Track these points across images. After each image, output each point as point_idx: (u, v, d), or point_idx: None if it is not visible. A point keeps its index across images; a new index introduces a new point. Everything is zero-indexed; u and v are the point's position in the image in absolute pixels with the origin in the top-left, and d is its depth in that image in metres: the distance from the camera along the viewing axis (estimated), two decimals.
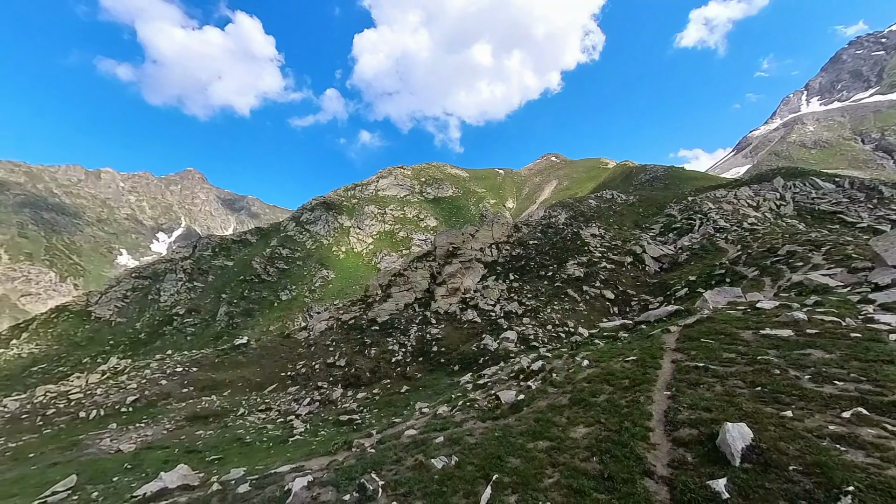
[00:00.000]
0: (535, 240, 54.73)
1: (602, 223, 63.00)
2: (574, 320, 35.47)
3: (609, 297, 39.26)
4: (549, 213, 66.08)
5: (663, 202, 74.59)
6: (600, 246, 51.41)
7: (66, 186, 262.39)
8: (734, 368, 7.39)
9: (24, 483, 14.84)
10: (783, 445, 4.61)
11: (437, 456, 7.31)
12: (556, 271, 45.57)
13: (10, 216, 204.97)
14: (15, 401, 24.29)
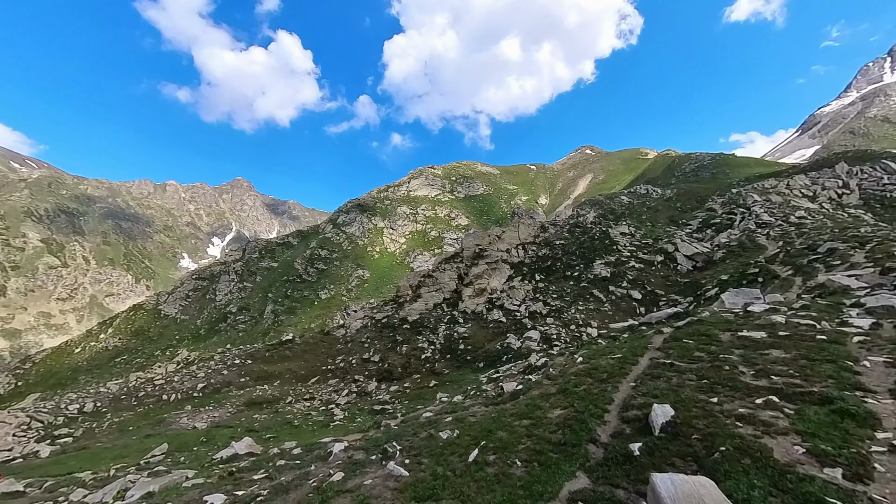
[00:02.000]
0: (562, 240, 54.72)
1: (633, 221, 61.47)
2: (598, 321, 35.73)
3: (636, 297, 38.95)
4: (576, 213, 65.43)
5: (705, 195, 70.98)
6: (629, 245, 50.56)
7: (139, 199, 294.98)
8: (696, 365, 8.56)
9: (130, 448, 18.64)
10: (695, 421, 5.97)
11: (444, 430, 9.19)
12: (583, 271, 45.63)
13: (97, 226, 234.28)
14: (115, 384, 29.52)
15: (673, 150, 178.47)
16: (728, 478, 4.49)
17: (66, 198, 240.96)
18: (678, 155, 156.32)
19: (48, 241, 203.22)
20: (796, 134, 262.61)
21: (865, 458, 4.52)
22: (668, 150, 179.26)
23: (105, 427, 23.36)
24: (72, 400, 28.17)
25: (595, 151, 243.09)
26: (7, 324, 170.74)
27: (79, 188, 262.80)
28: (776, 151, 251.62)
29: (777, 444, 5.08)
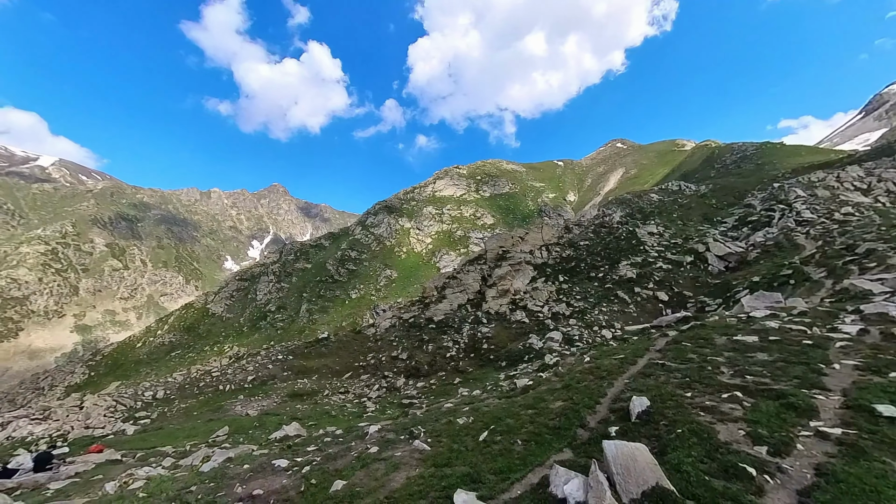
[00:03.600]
0: (587, 241, 54.55)
1: (663, 220, 60.00)
2: (622, 322, 35.84)
3: (662, 298, 38.57)
4: (602, 212, 64.64)
5: (744, 190, 67.77)
6: (657, 245, 49.70)
7: (187, 205, 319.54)
8: (685, 366, 9.61)
9: (197, 430, 21.74)
10: (666, 411, 7.19)
11: (461, 417, 10.81)
12: (608, 272, 45.53)
13: (152, 231, 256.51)
14: (180, 375, 33.80)
15: (713, 140, 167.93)
16: (674, 450, 5.78)
17: (126, 206, 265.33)
18: (718, 146, 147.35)
19: (111, 245, 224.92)
20: (859, 116, 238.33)
21: (791, 440, 5.64)
22: (708, 141, 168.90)
23: (174, 412, 27.03)
24: (146, 388, 32.67)
25: (627, 145, 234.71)
26: (80, 320, 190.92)
27: (136, 197, 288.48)
28: (834, 136, 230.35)
29: (726, 428, 6.26)
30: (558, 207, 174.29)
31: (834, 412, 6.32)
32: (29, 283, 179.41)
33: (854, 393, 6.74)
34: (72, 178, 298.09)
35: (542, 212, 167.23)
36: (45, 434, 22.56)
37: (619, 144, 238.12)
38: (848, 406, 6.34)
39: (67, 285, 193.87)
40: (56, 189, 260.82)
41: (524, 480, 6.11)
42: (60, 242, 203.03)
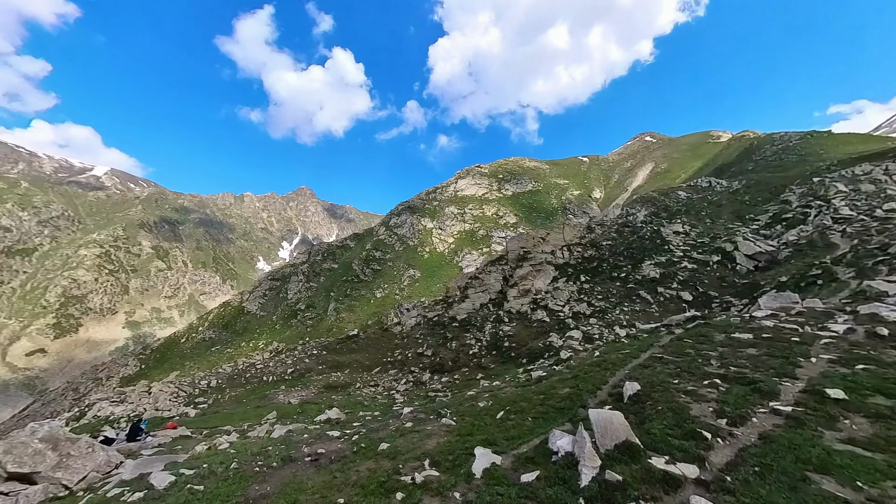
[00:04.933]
0: (609, 240, 54.46)
1: (690, 218, 58.92)
2: (644, 322, 36.08)
3: (687, 298, 38.45)
4: (626, 212, 64.00)
5: (782, 185, 65.10)
6: (683, 244, 49.14)
7: (223, 209, 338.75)
8: (680, 359, 10.86)
9: (248, 414, 24.64)
10: (653, 394, 8.60)
11: (481, 401, 12.55)
12: (630, 272, 45.59)
13: (192, 234, 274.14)
14: (229, 367, 37.57)
15: (751, 130, 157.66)
16: (651, 420, 7.25)
17: (168, 210, 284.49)
18: (758, 136, 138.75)
19: (157, 247, 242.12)
20: None
21: (748, 415, 6.97)
22: (745, 132, 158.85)
23: (226, 399, 30.37)
24: (201, 377, 36.62)
25: (656, 138, 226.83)
26: (130, 317, 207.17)
27: (177, 202, 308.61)
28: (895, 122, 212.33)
29: (698, 406, 7.64)
30: (583, 205, 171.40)
31: (793, 395, 7.54)
32: (87, 282, 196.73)
33: (816, 381, 7.91)
34: (122, 185, 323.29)
35: (565, 209, 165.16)
36: (123, 414, 26.26)
37: (647, 138, 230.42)
38: (805, 391, 7.55)
39: (119, 285, 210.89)
40: (108, 196, 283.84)
41: (530, 443, 7.77)
42: (113, 245, 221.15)
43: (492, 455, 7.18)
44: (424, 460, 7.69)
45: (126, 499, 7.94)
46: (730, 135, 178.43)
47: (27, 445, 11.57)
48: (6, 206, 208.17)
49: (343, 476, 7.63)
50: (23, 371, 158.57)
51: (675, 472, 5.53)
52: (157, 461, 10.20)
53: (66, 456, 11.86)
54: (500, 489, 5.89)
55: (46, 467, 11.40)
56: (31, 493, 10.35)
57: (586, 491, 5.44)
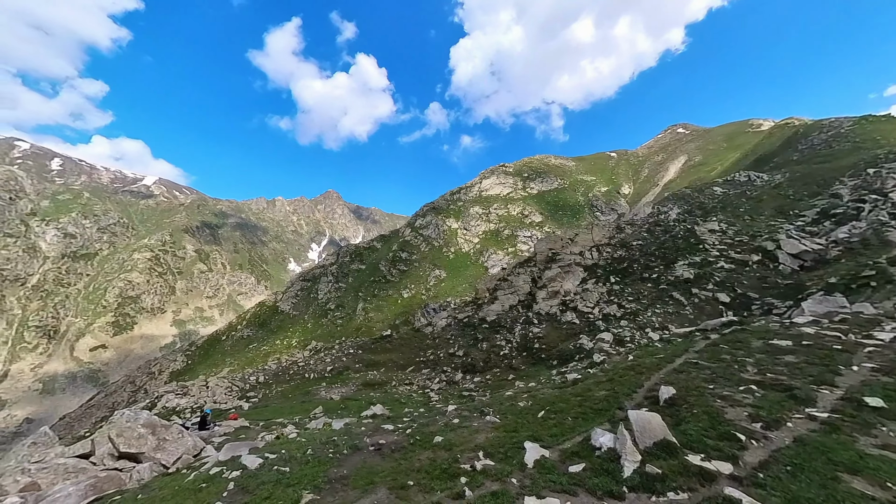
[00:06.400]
0: (640, 240, 53.24)
1: (727, 215, 56.56)
2: (677, 324, 35.35)
3: (723, 300, 37.22)
4: (657, 210, 62.19)
5: (830, 178, 61.16)
6: (719, 243, 47.39)
7: (257, 213, 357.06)
8: (715, 365, 11.26)
9: (295, 408, 26.73)
10: (689, 398, 9.18)
11: (521, 402, 13.43)
12: (662, 273, 44.58)
13: (230, 237, 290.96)
14: (273, 364, 40.59)
15: (796, 117, 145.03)
16: (686, 423, 7.90)
17: (209, 215, 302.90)
18: (804, 124, 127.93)
19: (199, 251, 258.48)
20: None
21: (783, 419, 7.48)
22: (789, 119, 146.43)
23: (274, 394, 32.91)
24: (250, 373, 39.74)
25: (689, 129, 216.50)
26: (177, 316, 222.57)
27: (216, 207, 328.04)
28: None
29: (733, 410, 8.20)
30: (611, 201, 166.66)
31: (830, 402, 7.94)
32: (140, 284, 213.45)
33: (856, 389, 8.24)
34: (168, 193, 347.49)
35: (592, 206, 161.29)
36: (187, 406, 29.20)
37: (680, 130, 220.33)
38: (844, 398, 7.92)
39: (167, 286, 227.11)
40: (157, 204, 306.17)
41: (573, 439, 8.62)
42: (161, 249, 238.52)
43: (540, 449, 8.10)
44: (478, 451, 8.72)
45: (227, 476, 9.52)
46: (772, 122, 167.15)
47: (133, 430, 13.69)
48: (72, 215, 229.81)
49: (407, 463, 8.81)
50: (87, 364, 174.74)
51: (710, 467, 6.24)
52: (242, 446, 11.87)
53: (162, 440, 13.90)
54: (551, 477, 6.82)
55: (149, 449, 13.45)
56: (142, 470, 12.33)
57: (629, 481, 6.26)
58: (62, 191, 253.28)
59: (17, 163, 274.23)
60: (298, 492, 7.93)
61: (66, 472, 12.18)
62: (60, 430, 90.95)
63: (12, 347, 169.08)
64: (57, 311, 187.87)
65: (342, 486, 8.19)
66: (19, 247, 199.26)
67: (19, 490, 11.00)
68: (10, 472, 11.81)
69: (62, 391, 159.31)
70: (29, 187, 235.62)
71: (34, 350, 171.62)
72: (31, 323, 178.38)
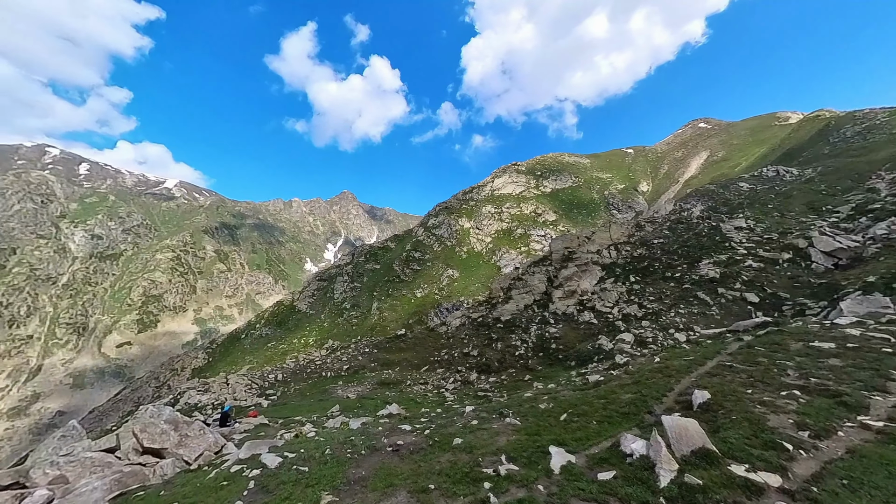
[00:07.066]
0: (661, 238, 51.65)
1: (754, 212, 54.32)
2: (702, 325, 34.06)
3: (752, 300, 35.67)
4: (679, 207, 60.22)
5: (866, 171, 58.14)
6: (746, 241, 45.54)
7: (274, 214, 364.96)
8: (752, 368, 10.61)
9: (313, 406, 26.93)
10: (725, 403, 8.63)
11: (541, 403, 13.03)
12: (686, 272, 43.11)
13: (248, 237, 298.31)
14: (291, 362, 41.24)
15: (827, 109, 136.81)
16: (725, 430, 7.40)
17: (227, 217, 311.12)
18: (835, 116, 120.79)
19: (218, 251, 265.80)
20: None
21: (834, 428, 6.91)
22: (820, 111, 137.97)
23: (292, 391, 33.34)
24: (269, 371, 40.48)
25: (711, 124, 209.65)
26: (197, 314, 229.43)
27: (235, 209, 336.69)
28: None
29: (777, 417, 7.64)
30: (628, 199, 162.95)
31: (885, 410, 7.30)
32: (162, 283, 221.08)
33: None
34: (188, 196, 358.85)
35: (609, 204, 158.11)
36: (209, 402, 29.87)
37: (701, 124, 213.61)
38: None
39: (188, 285, 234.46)
40: (178, 206, 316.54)
41: (600, 445, 8.22)
42: (182, 250, 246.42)
43: (566, 454, 7.75)
44: (500, 455, 8.42)
45: (247, 474, 9.51)
46: (800, 115, 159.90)
47: (156, 425, 13.94)
48: (98, 218, 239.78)
49: (427, 465, 8.58)
50: (114, 360, 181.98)
51: (756, 479, 5.77)
52: (261, 444, 11.91)
53: (184, 436, 14.12)
54: (580, 484, 6.47)
55: (171, 444, 13.67)
56: (165, 465, 12.53)
57: (666, 492, 5.86)
58: (89, 194, 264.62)
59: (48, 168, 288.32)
60: (318, 492, 7.81)
61: (93, 466, 12.48)
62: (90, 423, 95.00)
63: (45, 343, 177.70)
64: (85, 309, 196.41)
65: (361, 487, 8.03)
66: (50, 248, 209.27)
67: (48, 482, 11.31)
68: (39, 465, 12.18)
69: (91, 385, 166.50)
70: (59, 191, 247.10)
71: (65, 346, 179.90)
72: (62, 320, 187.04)
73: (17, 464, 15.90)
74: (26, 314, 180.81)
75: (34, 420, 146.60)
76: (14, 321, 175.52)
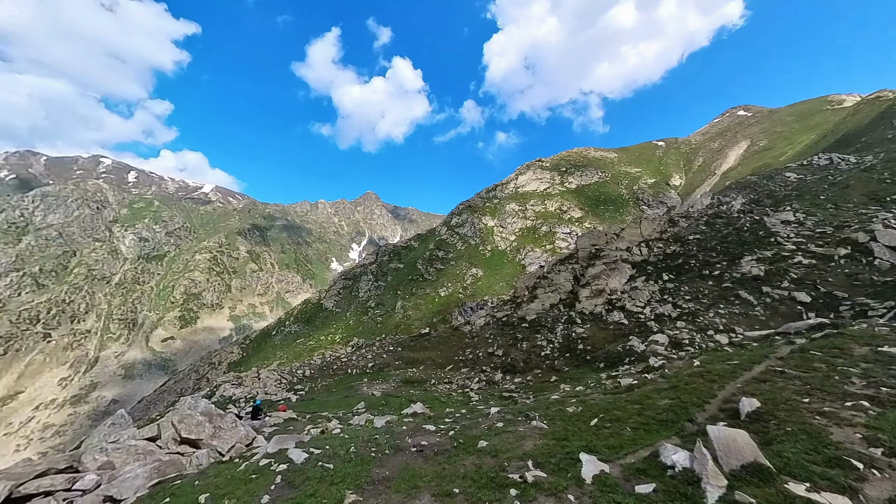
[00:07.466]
0: (698, 234, 48.75)
1: (804, 204, 50.28)
2: (745, 326, 31.76)
3: (802, 300, 32.91)
4: (717, 200, 56.60)
5: None
6: (795, 235, 42.17)
7: (301, 215, 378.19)
8: (808, 374, 9.61)
9: (340, 403, 27.45)
10: (777, 413, 7.82)
11: (570, 407, 12.48)
12: (725, 270, 40.46)
13: (277, 238, 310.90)
14: (318, 359, 42.50)
15: (889, 90, 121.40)
16: (780, 443, 6.67)
17: (258, 219, 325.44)
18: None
19: (250, 251, 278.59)
20: None
21: None
22: (880, 92, 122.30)
23: (319, 387, 34.23)
24: (297, 367, 41.90)
25: (752, 111, 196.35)
26: (232, 311, 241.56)
27: (265, 211, 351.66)
28: None
29: (841, 431, 6.81)
30: (659, 194, 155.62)
31: None
32: (201, 282, 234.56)
33: None
34: (223, 200, 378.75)
35: (638, 200, 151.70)
36: (242, 395, 31.22)
37: (740, 112, 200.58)
38: None
39: (224, 284, 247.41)
40: (214, 209, 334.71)
41: (636, 454, 7.68)
42: (218, 251, 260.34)
43: (598, 462, 7.29)
44: (527, 461, 8.07)
45: (275, 468, 9.68)
46: (857, 98, 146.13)
47: (192, 417, 14.60)
48: (145, 222, 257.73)
49: (451, 468, 8.36)
50: (160, 354, 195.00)
51: (820, 501, 5.13)
52: (289, 439, 12.15)
53: (218, 428, 14.70)
54: (615, 497, 6.02)
55: (206, 436, 14.27)
56: (200, 456, 13.08)
57: None
58: (137, 200, 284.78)
59: (102, 177, 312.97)
60: (342, 491, 7.79)
61: (137, 454, 13.21)
62: (139, 412, 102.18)
63: (101, 337, 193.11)
64: (134, 306, 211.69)
65: (385, 488, 7.93)
66: (105, 250, 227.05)
67: (97, 468, 12.07)
68: (90, 451, 13.05)
69: (140, 377, 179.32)
70: (111, 198, 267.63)
71: (117, 340, 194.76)
72: (115, 316, 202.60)
73: (76, 447, 17.44)
74: (85, 311, 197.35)
75: (92, 407, 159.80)
76: (75, 317, 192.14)
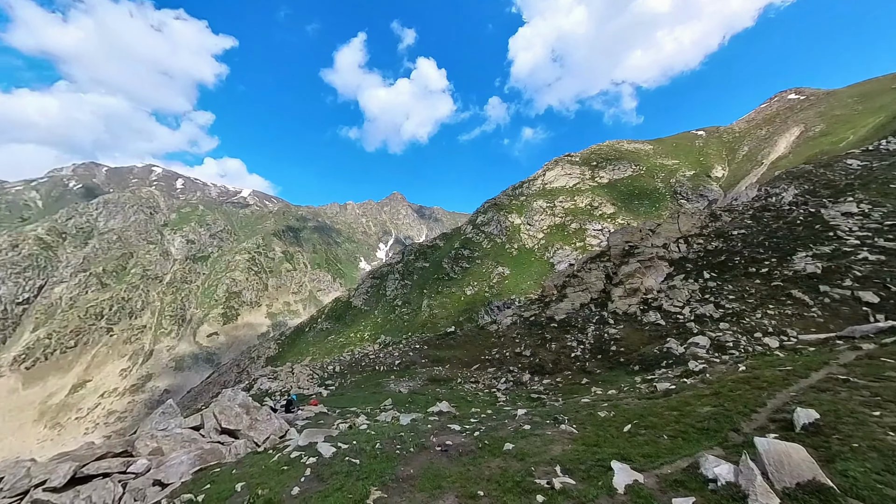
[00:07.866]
0: (743, 229, 45.22)
1: (869, 193, 45.42)
2: (799, 329, 29.05)
3: (869, 300, 29.64)
4: (765, 192, 52.20)
5: None
6: (859, 229, 38.16)
7: (331, 216, 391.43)
8: (878, 384, 8.56)
9: (368, 399, 28.03)
10: (840, 426, 7.01)
11: (601, 411, 11.94)
12: (775, 267, 37.24)
13: (309, 239, 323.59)
14: (348, 355, 43.83)
15: None
16: (844, 460, 5.96)
17: (292, 220, 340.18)
18: None
19: (285, 252, 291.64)
20: None
21: None
22: None
23: (348, 383, 35.21)
24: (328, 363, 43.44)
25: (804, 94, 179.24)
26: (269, 309, 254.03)
27: (298, 213, 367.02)
28: None
29: None
30: (699, 187, 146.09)
31: None
32: (241, 281, 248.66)
33: None
34: (260, 203, 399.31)
35: (676, 193, 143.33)
36: (277, 389, 32.71)
37: (791, 96, 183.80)
38: None
39: (261, 283, 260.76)
40: (252, 212, 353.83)
41: (673, 464, 7.16)
42: (256, 252, 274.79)
43: (631, 471, 6.87)
44: (555, 466, 7.76)
45: (304, 461, 9.98)
46: None
47: (231, 409, 15.41)
48: (191, 225, 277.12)
49: (476, 470, 8.21)
50: (206, 348, 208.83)
51: None
52: (318, 433, 12.52)
53: (255, 420, 15.43)
54: None
55: (244, 427, 15.01)
56: (238, 445, 13.78)
57: None
58: (184, 205, 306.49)
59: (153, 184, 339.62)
60: (367, 487, 7.87)
61: (182, 441, 14.14)
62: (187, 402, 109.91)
63: (154, 332, 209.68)
64: (183, 304, 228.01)
65: (409, 486, 7.92)
66: (157, 252, 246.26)
67: (148, 453, 13.03)
68: (142, 437, 14.11)
69: (188, 369, 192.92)
70: (162, 203, 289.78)
71: (169, 334, 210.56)
72: (167, 312, 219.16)
73: (133, 433, 19.16)
74: (141, 307, 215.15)
75: (148, 396, 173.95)
76: (133, 313, 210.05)
